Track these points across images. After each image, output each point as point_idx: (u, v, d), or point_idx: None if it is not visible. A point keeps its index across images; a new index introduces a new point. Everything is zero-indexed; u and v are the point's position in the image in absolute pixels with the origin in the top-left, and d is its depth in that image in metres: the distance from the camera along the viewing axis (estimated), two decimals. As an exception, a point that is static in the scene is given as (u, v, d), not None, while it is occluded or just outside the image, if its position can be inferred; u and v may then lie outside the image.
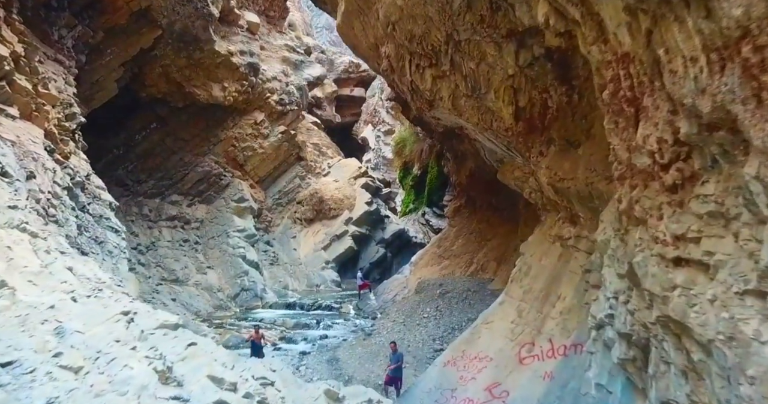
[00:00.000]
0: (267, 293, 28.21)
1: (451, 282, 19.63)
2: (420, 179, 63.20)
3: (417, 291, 20.85)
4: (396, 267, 35.70)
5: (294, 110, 38.77)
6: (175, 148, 34.05)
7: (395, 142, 66.01)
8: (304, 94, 40.93)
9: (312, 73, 42.58)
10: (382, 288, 24.57)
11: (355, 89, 55.55)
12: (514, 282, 12.58)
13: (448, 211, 25.09)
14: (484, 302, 16.78)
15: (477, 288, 17.95)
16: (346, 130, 58.61)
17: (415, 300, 19.34)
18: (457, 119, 14.72)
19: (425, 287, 20.20)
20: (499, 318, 12.18)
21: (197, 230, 33.19)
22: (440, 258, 23.70)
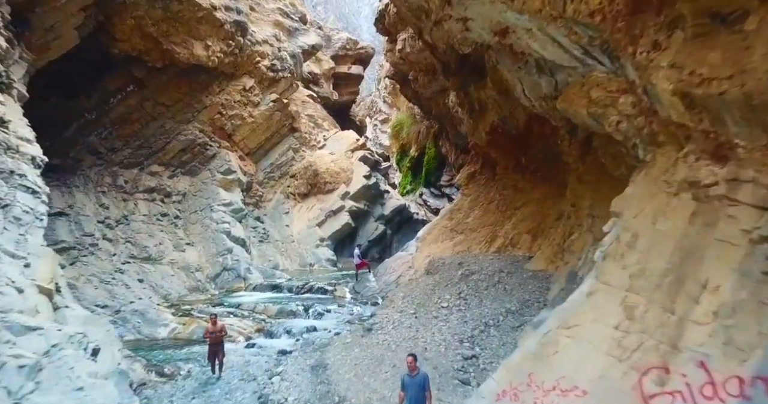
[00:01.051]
0: (252, 273, 22.55)
1: (474, 260, 14.03)
2: (417, 160, 57.59)
3: (428, 272, 15.27)
4: (396, 245, 30.05)
5: (287, 78, 32.80)
6: (155, 114, 28.10)
7: (392, 124, 60.19)
8: (298, 62, 34.91)
9: (307, 41, 36.49)
10: (383, 268, 18.95)
11: (353, 67, 49.45)
12: (609, 261, 6.91)
13: (461, 178, 19.36)
14: (524, 287, 11.26)
15: (511, 269, 12.41)
16: (344, 110, 52.54)
17: (427, 283, 13.76)
18: (504, 13, 8.91)
19: (439, 267, 14.60)
20: (590, 319, 6.54)
21: (179, 204, 27.40)
22: (452, 232, 18.06)
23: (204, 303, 18.23)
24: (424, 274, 15.62)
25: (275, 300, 18.62)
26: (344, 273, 23.73)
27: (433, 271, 14.55)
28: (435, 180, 53.98)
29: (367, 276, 19.05)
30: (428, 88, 40.89)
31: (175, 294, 20.06)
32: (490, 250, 15.44)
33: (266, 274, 22.75)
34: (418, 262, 18.05)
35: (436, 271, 14.26)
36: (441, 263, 14.73)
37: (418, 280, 15.24)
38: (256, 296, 19.93)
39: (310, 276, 23.64)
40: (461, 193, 18.95)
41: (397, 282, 17.78)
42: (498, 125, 16.39)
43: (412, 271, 17.90)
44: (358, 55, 49.19)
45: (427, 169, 54.87)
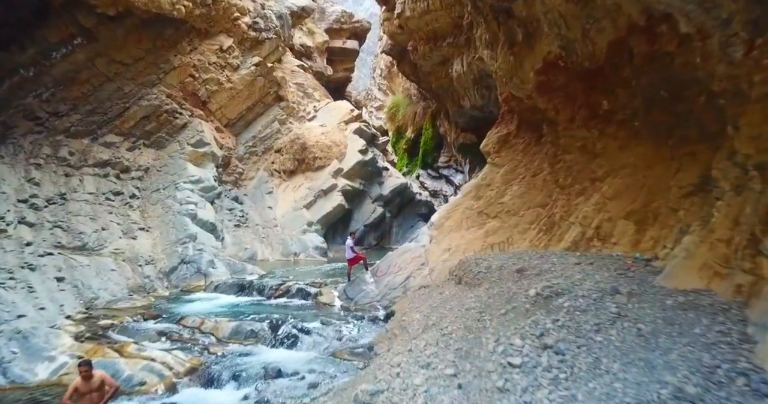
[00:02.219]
0: (216, 267, 16.02)
1: (543, 264, 7.46)
2: (413, 142, 50.90)
3: (457, 278, 8.82)
4: (397, 230, 23.61)
5: (272, 39, 25.90)
6: (110, 74, 21.21)
7: (388, 106, 53.27)
8: (285, 24, 27.93)
9: (296, 2, 29.51)
10: (385, 264, 12.45)
11: (347, 41, 42.36)
12: None
13: (488, 144, 12.83)
14: (681, 330, 4.92)
15: (629, 286, 6.03)
16: (339, 88, 45.51)
17: (462, 302, 7.19)
18: None
19: (481, 274, 7.81)
20: None
21: (139, 181, 20.69)
22: (482, 216, 11.61)
23: (137, 315, 11.69)
24: (450, 281, 9.20)
25: (235, 311, 12.12)
26: (335, 266, 17.24)
27: (470, 280, 8.03)
28: (432, 161, 47.39)
29: (364, 276, 12.58)
30: (428, 59, 33.86)
31: (108, 298, 13.52)
32: (554, 245, 9.05)
33: (234, 269, 16.24)
34: (435, 258, 11.60)
35: (478, 282, 7.74)
36: (483, 267, 8.10)
37: (442, 291, 8.81)
38: (213, 301, 13.43)
39: (291, 270, 17.12)
40: (490, 163, 12.40)
41: (405, 287, 11.32)
42: (558, 57, 9.81)
43: (426, 271, 11.47)
44: (354, 29, 42.09)
45: (424, 150, 48.16)
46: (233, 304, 13.06)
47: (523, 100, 11.98)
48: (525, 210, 10.97)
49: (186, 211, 18.63)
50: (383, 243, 23.01)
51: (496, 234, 11.03)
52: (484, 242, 11.05)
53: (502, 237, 10.87)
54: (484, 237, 11.15)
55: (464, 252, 11.15)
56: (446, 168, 44.36)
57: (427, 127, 49.58)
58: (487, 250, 10.75)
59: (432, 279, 11.05)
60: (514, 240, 10.57)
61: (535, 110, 11.72)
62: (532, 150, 11.90)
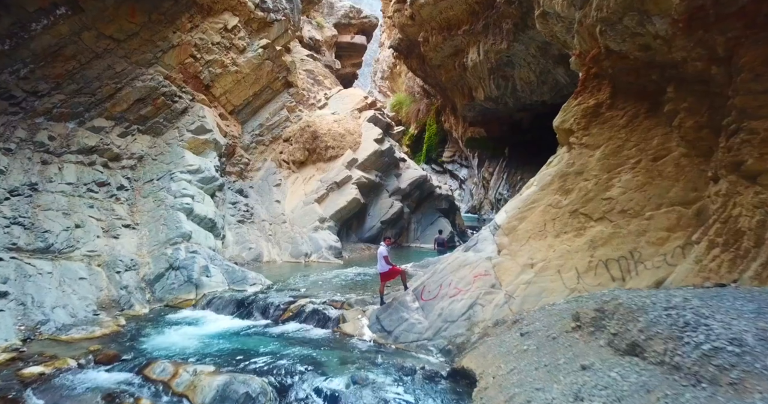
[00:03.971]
0: (210, 275, 11.41)
1: None
2: (417, 138, 46.33)
3: (602, 335, 4.57)
4: (416, 227, 19.04)
5: (281, 22, 21.09)
6: (99, 50, 16.38)
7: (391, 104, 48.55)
8: (295, 8, 23.07)
9: (307, -14, 24.61)
10: (434, 283, 7.94)
11: (356, 36, 37.44)
12: None
13: (570, 119, 8.23)
14: None
15: None
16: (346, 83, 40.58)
17: None
18: None
19: (714, 355, 3.70)
20: None
21: (131, 170, 15.96)
22: (579, 217, 7.12)
23: (88, 353, 7.15)
24: (574, 333, 4.76)
25: (227, 347, 7.56)
26: (355, 274, 12.66)
27: (675, 362, 3.70)
28: (436, 156, 42.92)
29: (404, 298, 8.06)
30: (440, 50, 28.95)
31: (63, 321, 8.91)
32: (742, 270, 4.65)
33: (233, 277, 11.64)
34: (511, 278, 7.09)
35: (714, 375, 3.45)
36: (706, 336, 3.79)
37: (567, 350, 4.41)
38: (201, 327, 8.87)
39: (303, 278, 12.51)
40: (575, 144, 7.83)
41: (471, 321, 6.81)
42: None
43: (501, 297, 6.96)
44: (362, 25, 37.17)
45: (429, 145, 43.52)
46: (227, 332, 8.49)
47: (630, 56, 7.40)
48: (653, 209, 6.47)
49: (180, 205, 13.97)
50: (401, 241, 18.47)
51: (609, 245, 6.52)
52: (590, 257, 6.56)
53: (620, 250, 6.38)
54: (589, 250, 6.65)
55: (560, 270, 6.66)
56: (450, 163, 39.83)
57: (431, 123, 44.93)
58: (601, 271, 6.26)
59: (513, 311, 6.55)
60: (644, 256, 6.10)
61: (650, 67, 7.16)
62: (643, 124, 7.38)
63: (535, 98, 25.01)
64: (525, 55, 22.45)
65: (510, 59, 23.46)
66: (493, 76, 24.98)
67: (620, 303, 4.38)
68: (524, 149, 28.47)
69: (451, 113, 37.60)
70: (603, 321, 4.41)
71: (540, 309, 6.27)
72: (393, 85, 58.30)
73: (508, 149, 29.18)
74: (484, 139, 31.61)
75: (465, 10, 24.21)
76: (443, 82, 31.89)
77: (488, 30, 23.40)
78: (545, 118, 27.76)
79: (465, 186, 34.61)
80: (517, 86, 24.75)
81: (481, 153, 31.48)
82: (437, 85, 34.76)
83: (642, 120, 7.53)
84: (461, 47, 26.61)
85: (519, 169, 28.07)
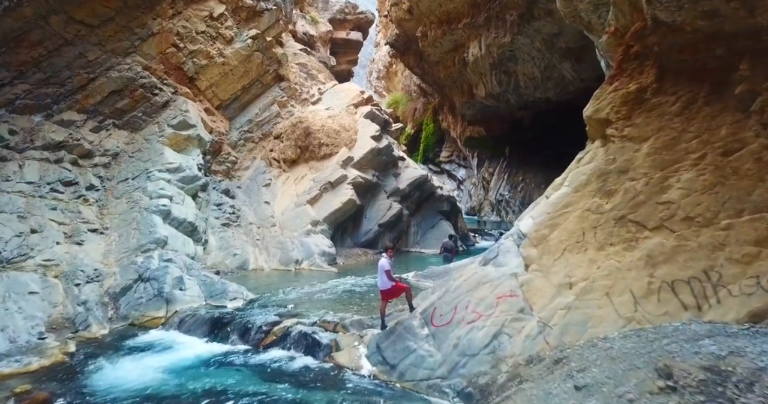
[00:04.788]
0: (185, 288, 9.80)
1: None
2: (414, 138, 44.90)
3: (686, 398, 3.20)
4: (415, 230, 17.53)
5: (271, 11, 19.51)
6: (69, 36, 14.73)
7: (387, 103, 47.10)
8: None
9: (300, -24, 23.04)
10: (447, 304, 6.48)
11: (351, 33, 35.92)
12: None
13: (607, 107, 6.78)
14: None
15: None
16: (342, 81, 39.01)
17: None
18: None
19: None
20: None
21: (105, 168, 14.31)
22: (628, 225, 5.69)
23: (11, 397, 5.60)
24: (672, 398, 3.40)
25: (192, 388, 6.04)
26: (351, 285, 11.13)
27: None
28: (434, 156, 41.47)
29: (410, 322, 6.56)
30: (438, 46, 27.37)
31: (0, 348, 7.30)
32: None
33: (212, 290, 10.02)
34: (545, 301, 5.63)
35: None
36: None
37: None
38: (166, 355, 7.30)
39: (291, 291, 10.91)
40: (616, 136, 6.38)
41: (497, 356, 5.35)
42: None
43: (533, 326, 5.49)
44: (357, 21, 35.67)
45: (426, 145, 42.00)
46: (196, 362, 6.94)
47: (686, 27, 5.97)
48: (731, 216, 5.04)
49: (156, 207, 12.36)
50: (400, 246, 16.96)
51: (674, 262, 5.07)
52: (650, 277, 5.10)
53: (689, 268, 4.93)
54: (647, 268, 5.19)
55: (609, 293, 5.20)
56: (448, 163, 38.39)
57: (428, 123, 43.43)
58: (667, 296, 4.81)
59: (551, 345, 5.09)
60: (727, 278, 4.65)
61: (714, 39, 5.74)
62: (703, 111, 5.96)
63: (539, 95, 23.63)
64: (529, 49, 21.05)
65: (513, 54, 22.05)
66: (494, 72, 23.56)
67: (749, 365, 2.89)
68: (525, 148, 27.09)
69: (449, 112, 36.17)
70: (721, 388, 2.94)
71: (589, 346, 4.80)
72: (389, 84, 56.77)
73: (508, 148, 27.79)
74: (483, 138, 30.20)
75: (466, 1, 22.76)
76: (441, 79, 30.44)
77: (490, 23, 21.98)
78: (547, 116, 26.48)
79: (463, 186, 33.19)
80: (520, 82, 23.35)
81: (481, 152, 30.08)
82: (435, 82, 33.30)
83: (701, 106, 6.09)
84: (461, 42, 25.18)
85: (520, 170, 26.69)
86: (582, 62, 20.33)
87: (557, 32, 19.18)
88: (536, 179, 24.48)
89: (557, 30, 19.05)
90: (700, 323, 4.30)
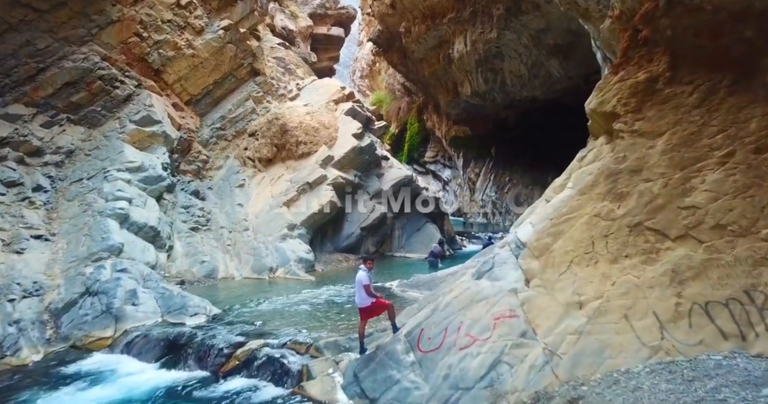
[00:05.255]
0: (138, 303, 8.64)
1: None
2: (398, 137, 44.09)
3: None
4: (400, 234, 16.61)
5: (246, 0, 18.36)
6: (14, 21, 13.28)
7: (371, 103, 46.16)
8: (264, -13, 20.34)
9: (277, -35, 21.90)
10: (436, 325, 5.60)
11: (332, 28, 34.83)
12: None
13: (613, 99, 5.98)
14: None
15: None
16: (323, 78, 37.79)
17: None
18: None
19: None
20: None
21: (56, 167, 12.94)
22: (645, 233, 4.91)
23: None
24: None
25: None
26: (330, 295, 10.13)
27: None
28: (418, 156, 40.68)
29: (392, 347, 5.63)
30: (422, 42, 26.46)
31: None
32: None
33: (170, 304, 8.85)
34: (551, 323, 4.80)
35: None
36: None
37: None
38: (106, 386, 6.21)
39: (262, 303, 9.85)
40: (624, 131, 5.57)
41: (497, 392, 4.50)
42: None
43: (537, 354, 4.66)
44: (339, 16, 34.61)
45: (410, 145, 41.15)
46: (140, 396, 5.85)
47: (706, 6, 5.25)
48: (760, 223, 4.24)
49: (112, 211, 11.12)
50: (383, 250, 16.03)
51: (706, 278, 4.27)
52: (677, 297, 4.29)
53: (726, 287, 4.14)
54: (672, 286, 4.38)
55: (628, 316, 4.39)
56: (433, 163, 37.64)
57: (412, 122, 42.60)
58: (700, 320, 4.00)
59: (561, 378, 4.23)
60: None
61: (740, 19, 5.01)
62: (728, 102, 5.24)
63: (526, 93, 23.05)
64: (516, 45, 20.42)
65: (500, 50, 21.39)
66: (480, 69, 22.88)
67: None
68: (511, 148, 26.50)
69: (433, 111, 35.42)
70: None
71: (610, 383, 3.94)
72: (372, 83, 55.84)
73: (494, 148, 27.16)
74: (468, 137, 29.54)
75: (451, -5, 22.04)
76: (426, 78, 29.64)
77: (476, 17, 21.27)
78: (533, 115, 25.93)
79: (449, 187, 32.48)
80: (506, 80, 22.73)
81: (466, 152, 29.40)
82: (419, 81, 32.49)
83: (724, 96, 5.33)
84: (446, 38, 24.42)
85: (507, 170, 26.08)
86: (570, 59, 19.80)
87: (545, 27, 18.57)
88: (524, 179, 23.88)
89: (545, 25, 18.44)
90: (748, 357, 3.49)
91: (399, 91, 43.81)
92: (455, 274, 8.97)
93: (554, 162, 22.25)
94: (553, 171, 21.78)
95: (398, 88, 43.55)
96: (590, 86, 7.25)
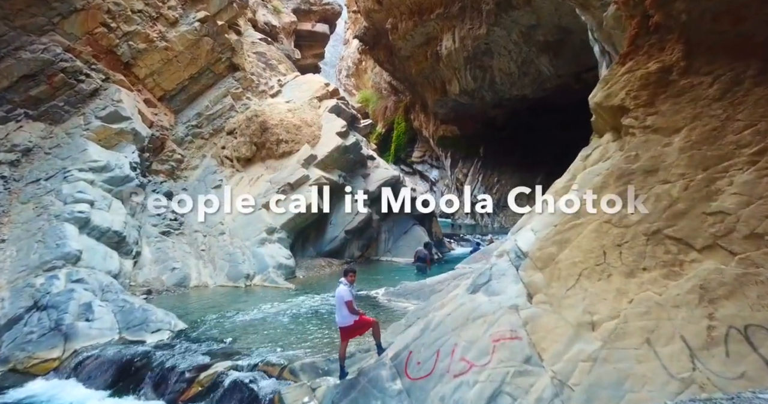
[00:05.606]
0: (93, 319, 7.74)
1: None
2: (385, 137, 43.41)
3: None
4: (386, 237, 15.88)
5: (225, -9, 17.41)
6: (-35, 7, 12.19)
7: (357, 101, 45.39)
8: (244, -22, 19.41)
9: (258, -44, 20.98)
10: (427, 348, 4.92)
11: (317, 24, 33.96)
12: None
13: (621, 92, 5.36)
14: None
15: None
16: (308, 75, 36.79)
17: None
18: None
19: None
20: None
21: (10, 167, 11.86)
22: (665, 243, 4.31)
23: None
24: None
25: None
26: (311, 305, 9.34)
27: None
28: (405, 157, 40.05)
29: (376, 373, 4.89)
30: (409, 39, 25.75)
31: None
32: None
33: (129, 319, 7.93)
34: (560, 347, 4.15)
35: None
36: None
37: None
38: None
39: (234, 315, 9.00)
40: (634, 125, 4.97)
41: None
42: None
43: (545, 384, 3.99)
44: (324, 12, 33.76)
45: (397, 145, 40.47)
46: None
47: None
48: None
49: (70, 214, 10.13)
50: (369, 254, 15.28)
51: (742, 296, 3.65)
52: (708, 319, 3.66)
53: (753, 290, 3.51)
54: (702, 305, 3.75)
55: (651, 340, 3.75)
56: (420, 163, 37.01)
57: (399, 122, 41.92)
58: (739, 348, 3.36)
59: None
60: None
61: None
62: (754, 94, 4.68)
63: (515, 92, 22.57)
64: (506, 42, 19.89)
65: (489, 47, 20.85)
66: (469, 67, 22.32)
67: None
68: (500, 148, 26.03)
69: (421, 110, 34.80)
70: None
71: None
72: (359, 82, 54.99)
73: (482, 148, 26.65)
74: (456, 137, 28.98)
75: (439, -9, 21.43)
76: (413, 76, 28.99)
77: (465, 13, 20.69)
78: (522, 114, 25.49)
79: (436, 188, 31.88)
80: (495, 78, 22.20)
81: (454, 152, 28.85)
82: (406, 79, 31.83)
83: (750, 87, 4.74)
84: (434, 34, 23.80)
85: (495, 170, 25.59)
86: (560, 57, 19.34)
87: (535, 24, 18.06)
88: (512, 180, 23.40)
89: (535, 21, 17.94)
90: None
91: (386, 90, 43.09)
92: (444, 282, 8.29)
93: (543, 162, 21.92)
94: (542, 171, 21.30)
95: (385, 87, 42.82)
96: (581, 84, 6.71)
